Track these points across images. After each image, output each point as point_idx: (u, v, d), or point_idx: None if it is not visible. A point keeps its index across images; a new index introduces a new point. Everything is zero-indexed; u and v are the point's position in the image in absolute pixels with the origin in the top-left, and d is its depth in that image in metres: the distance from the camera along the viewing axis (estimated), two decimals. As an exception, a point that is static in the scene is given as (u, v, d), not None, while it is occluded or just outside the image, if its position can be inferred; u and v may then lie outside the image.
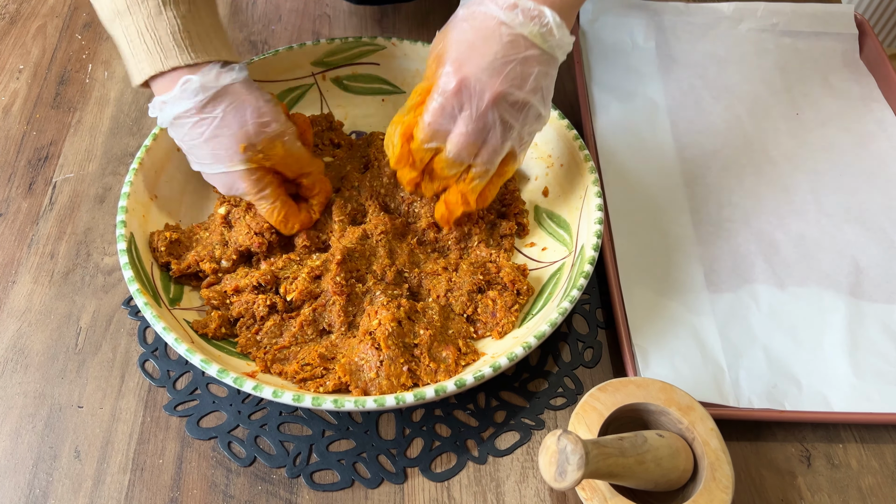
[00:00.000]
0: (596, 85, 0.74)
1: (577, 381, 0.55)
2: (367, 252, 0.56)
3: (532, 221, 0.63)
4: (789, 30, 0.80)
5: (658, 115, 0.72)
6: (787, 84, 0.76)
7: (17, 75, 0.75)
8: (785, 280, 0.60)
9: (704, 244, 0.62)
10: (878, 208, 0.65)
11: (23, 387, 0.54)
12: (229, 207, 0.60)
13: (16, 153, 0.68)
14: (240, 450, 0.51)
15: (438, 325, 0.53)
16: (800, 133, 0.71)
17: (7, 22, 0.81)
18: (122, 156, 0.68)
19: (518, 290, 0.55)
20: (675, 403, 0.46)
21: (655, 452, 0.42)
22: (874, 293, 0.59)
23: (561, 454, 0.38)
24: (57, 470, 0.50)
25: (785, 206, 0.65)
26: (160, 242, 0.56)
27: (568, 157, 0.62)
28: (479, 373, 0.47)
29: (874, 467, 0.52)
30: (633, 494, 0.44)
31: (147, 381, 0.54)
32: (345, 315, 0.53)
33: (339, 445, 0.52)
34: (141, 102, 0.73)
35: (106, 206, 0.65)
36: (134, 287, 0.51)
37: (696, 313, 0.57)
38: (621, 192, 0.65)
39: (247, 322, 0.54)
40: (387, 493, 0.50)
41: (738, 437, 0.52)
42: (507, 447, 0.52)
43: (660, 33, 0.79)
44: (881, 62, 0.76)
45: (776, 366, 0.54)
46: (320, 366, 0.51)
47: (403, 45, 0.69)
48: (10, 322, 0.57)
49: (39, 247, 0.62)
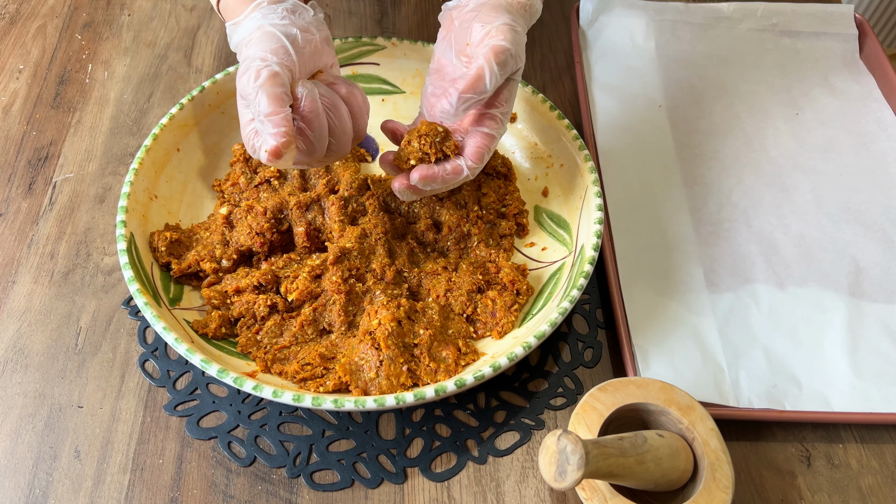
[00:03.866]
0: (596, 85, 0.74)
1: (577, 381, 0.55)
2: (366, 251, 0.56)
3: (532, 221, 0.63)
4: (789, 30, 0.80)
5: (658, 115, 0.72)
6: (787, 84, 0.76)
7: (17, 75, 0.75)
8: (785, 280, 0.60)
9: (704, 244, 0.62)
10: (878, 208, 0.65)
11: (23, 387, 0.54)
12: (231, 207, 0.60)
13: (16, 153, 0.68)
14: (240, 450, 0.51)
15: (438, 325, 0.53)
16: (800, 133, 0.71)
17: (7, 22, 0.80)
18: (122, 156, 0.68)
19: (518, 290, 0.55)
20: (675, 403, 0.46)
21: (655, 452, 0.42)
22: (874, 293, 0.59)
23: (561, 454, 0.38)
24: (57, 470, 0.50)
25: (785, 206, 0.65)
26: (160, 242, 0.56)
27: (568, 157, 0.62)
28: (479, 373, 0.47)
29: (874, 467, 0.52)
30: (633, 494, 0.44)
31: (147, 381, 0.54)
32: (345, 315, 0.53)
33: (339, 445, 0.52)
34: (141, 102, 0.73)
35: (106, 206, 0.65)
36: (134, 287, 0.51)
37: (696, 313, 0.57)
38: (621, 192, 0.65)
39: (247, 322, 0.54)
40: (387, 493, 0.50)
41: (738, 437, 0.52)
42: (507, 447, 0.52)
43: (660, 33, 0.79)
44: (881, 62, 0.76)
45: (776, 366, 0.54)
46: (320, 366, 0.51)
47: (403, 45, 0.69)
48: (10, 322, 0.57)
49: (39, 247, 0.62)
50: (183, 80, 0.75)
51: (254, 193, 0.61)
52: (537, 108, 0.65)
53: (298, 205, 0.58)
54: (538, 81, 0.77)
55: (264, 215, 0.57)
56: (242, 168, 0.63)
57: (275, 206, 0.58)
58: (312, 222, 0.58)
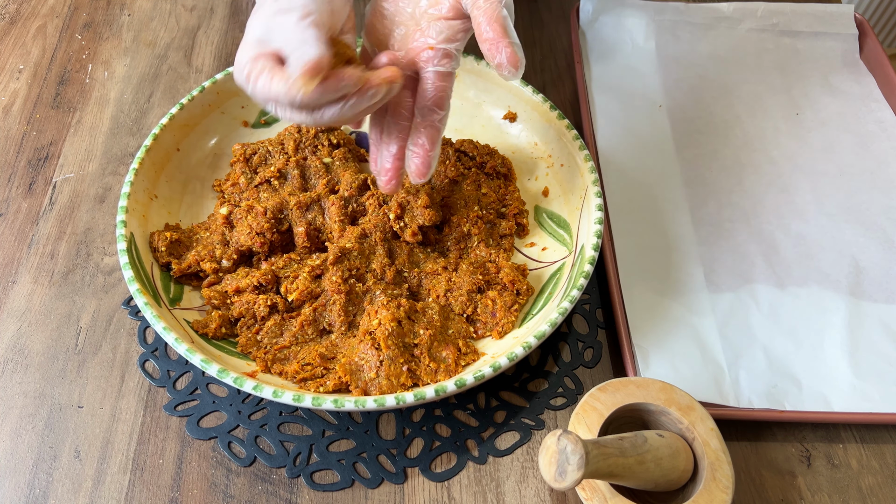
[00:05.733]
0: (596, 85, 0.74)
1: (577, 381, 0.55)
2: (366, 251, 0.56)
3: (532, 221, 0.63)
4: (789, 30, 0.80)
5: (658, 115, 0.72)
6: (787, 84, 0.76)
7: (17, 75, 0.75)
8: (785, 280, 0.60)
9: (704, 244, 0.62)
10: (878, 208, 0.65)
11: (23, 387, 0.54)
12: (231, 207, 0.60)
13: (16, 153, 0.68)
14: (240, 450, 0.51)
15: (438, 325, 0.53)
16: (800, 133, 0.71)
17: (7, 22, 0.80)
18: (122, 156, 0.68)
19: (518, 290, 0.56)
20: (675, 403, 0.46)
21: (655, 452, 0.42)
22: (874, 293, 0.59)
23: (561, 454, 0.38)
24: (57, 470, 0.50)
25: (785, 206, 0.65)
26: (160, 242, 0.56)
27: (568, 157, 0.62)
28: (479, 373, 0.47)
29: (874, 467, 0.52)
30: (633, 494, 0.44)
31: (147, 381, 0.54)
32: (345, 315, 0.53)
33: (339, 445, 0.52)
34: (141, 102, 0.73)
35: (106, 206, 0.65)
36: (134, 287, 0.51)
37: (696, 313, 0.57)
38: (621, 192, 0.65)
39: (247, 322, 0.54)
40: (387, 493, 0.50)
41: (738, 437, 0.52)
42: (507, 447, 0.52)
43: (660, 33, 0.79)
44: (881, 62, 0.76)
45: (776, 366, 0.54)
46: (320, 366, 0.51)
47: (403, 45, 0.69)
48: (10, 322, 0.57)
49: (39, 247, 0.62)
50: (183, 80, 0.75)
51: (254, 193, 0.61)
52: (537, 108, 0.65)
53: (298, 205, 0.58)
54: (538, 81, 0.77)
55: (264, 215, 0.57)
56: (242, 168, 0.63)
57: (275, 206, 0.58)
58: (312, 222, 0.58)
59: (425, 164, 0.50)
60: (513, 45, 0.44)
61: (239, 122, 0.67)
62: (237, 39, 0.80)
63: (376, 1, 0.52)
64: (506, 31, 0.44)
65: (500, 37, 0.44)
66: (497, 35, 0.44)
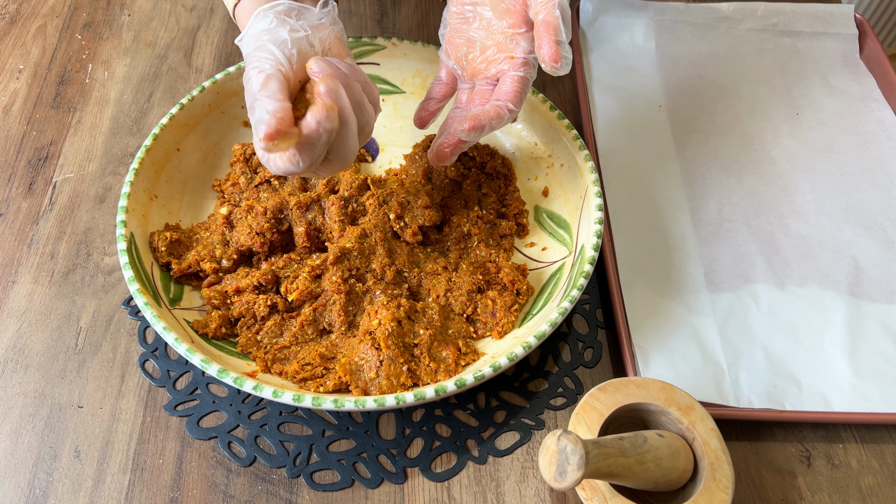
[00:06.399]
0: (596, 85, 0.74)
1: (577, 381, 0.55)
2: (366, 251, 0.56)
3: (532, 221, 0.63)
4: (789, 30, 0.80)
5: (658, 115, 0.72)
6: (787, 84, 0.76)
7: (17, 75, 0.75)
8: (785, 280, 0.60)
9: (704, 244, 0.62)
10: (878, 208, 0.65)
11: (23, 387, 0.54)
12: (231, 207, 0.60)
13: (16, 153, 0.68)
14: (240, 450, 0.51)
15: (438, 324, 0.53)
16: (800, 133, 0.71)
17: (7, 22, 0.80)
18: (122, 156, 0.68)
19: (518, 290, 0.56)
20: (675, 403, 0.46)
21: (655, 452, 0.42)
22: (874, 293, 0.59)
23: (561, 454, 0.38)
24: (57, 470, 0.50)
25: (785, 206, 0.65)
26: (160, 242, 0.56)
27: (568, 157, 0.62)
28: (479, 373, 0.47)
29: (874, 467, 0.52)
30: (633, 494, 0.44)
31: (147, 381, 0.54)
32: (345, 315, 0.53)
33: (339, 445, 0.52)
34: (141, 102, 0.73)
35: (106, 206, 0.65)
36: (134, 287, 0.51)
37: (696, 313, 0.57)
38: (621, 192, 0.65)
39: (247, 322, 0.54)
40: (387, 493, 0.50)
41: (738, 437, 0.52)
42: (507, 447, 0.52)
43: (660, 33, 0.79)
44: (881, 62, 0.76)
45: (776, 366, 0.54)
46: (320, 365, 0.51)
47: (403, 45, 0.69)
48: (10, 322, 0.57)
49: (39, 247, 0.62)
50: (183, 80, 0.75)
51: (254, 193, 0.61)
52: (537, 108, 0.65)
53: (298, 205, 0.58)
54: (538, 81, 0.77)
55: (264, 215, 0.57)
56: (242, 168, 0.63)
57: (275, 206, 0.58)
58: (312, 222, 0.58)
59: (477, 123, 0.52)
60: (557, 43, 0.48)
61: (239, 122, 0.67)
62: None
63: (451, 21, 0.56)
64: (555, 30, 0.48)
65: (546, 34, 0.48)
66: (544, 32, 0.48)
